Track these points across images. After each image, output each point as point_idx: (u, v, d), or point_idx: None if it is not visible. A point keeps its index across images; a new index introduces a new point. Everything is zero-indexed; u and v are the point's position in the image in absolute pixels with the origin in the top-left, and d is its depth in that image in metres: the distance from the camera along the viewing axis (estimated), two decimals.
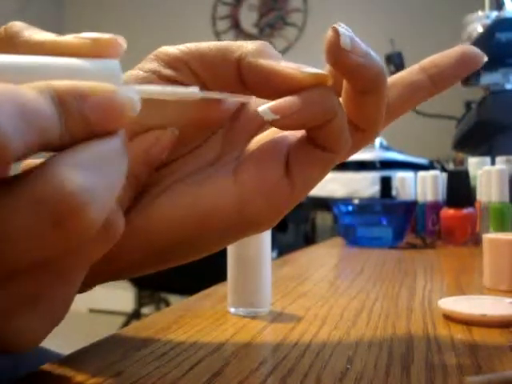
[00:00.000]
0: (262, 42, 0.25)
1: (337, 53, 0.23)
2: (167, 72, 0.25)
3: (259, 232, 0.27)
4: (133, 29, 3.10)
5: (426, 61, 0.28)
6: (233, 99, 0.26)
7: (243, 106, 0.28)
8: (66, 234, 0.17)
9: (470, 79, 1.26)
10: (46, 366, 0.27)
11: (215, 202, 0.25)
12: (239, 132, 0.27)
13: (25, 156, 0.17)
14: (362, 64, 0.23)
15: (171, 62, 0.25)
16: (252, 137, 0.27)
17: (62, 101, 0.17)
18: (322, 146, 0.25)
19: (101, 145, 0.18)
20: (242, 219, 0.25)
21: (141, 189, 0.25)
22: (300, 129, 0.25)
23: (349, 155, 0.28)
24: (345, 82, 0.25)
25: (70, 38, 0.20)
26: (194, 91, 0.23)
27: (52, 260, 0.19)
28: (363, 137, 0.26)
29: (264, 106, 0.23)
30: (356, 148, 0.27)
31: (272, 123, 0.23)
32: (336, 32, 0.23)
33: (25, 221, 0.17)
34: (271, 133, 0.27)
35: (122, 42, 0.20)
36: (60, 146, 0.17)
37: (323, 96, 0.23)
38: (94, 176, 0.17)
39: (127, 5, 3.22)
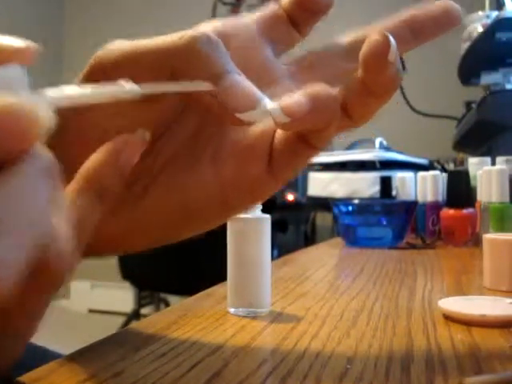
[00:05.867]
0: (192, 39, 0.22)
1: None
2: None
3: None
4: (132, 29, 3.09)
5: (407, 14, 0.28)
6: (181, 90, 0.22)
7: None
8: None
9: (470, 79, 1.26)
10: (46, 366, 0.27)
11: (199, 195, 0.26)
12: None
13: None
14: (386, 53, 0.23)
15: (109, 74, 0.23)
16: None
17: None
18: (310, 144, 0.25)
19: (5, 181, 0.14)
20: (225, 208, 0.27)
21: (116, 197, 0.23)
22: (301, 131, 0.25)
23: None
24: (356, 82, 0.24)
25: None
26: (132, 88, 0.19)
27: None
28: (351, 125, 0.26)
29: (275, 106, 0.22)
30: (338, 131, 0.26)
31: (279, 125, 0.23)
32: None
33: None
34: (251, 129, 0.26)
35: (22, 45, 0.16)
36: None
37: (330, 101, 0.23)
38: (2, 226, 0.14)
39: (127, 4, 3.21)
